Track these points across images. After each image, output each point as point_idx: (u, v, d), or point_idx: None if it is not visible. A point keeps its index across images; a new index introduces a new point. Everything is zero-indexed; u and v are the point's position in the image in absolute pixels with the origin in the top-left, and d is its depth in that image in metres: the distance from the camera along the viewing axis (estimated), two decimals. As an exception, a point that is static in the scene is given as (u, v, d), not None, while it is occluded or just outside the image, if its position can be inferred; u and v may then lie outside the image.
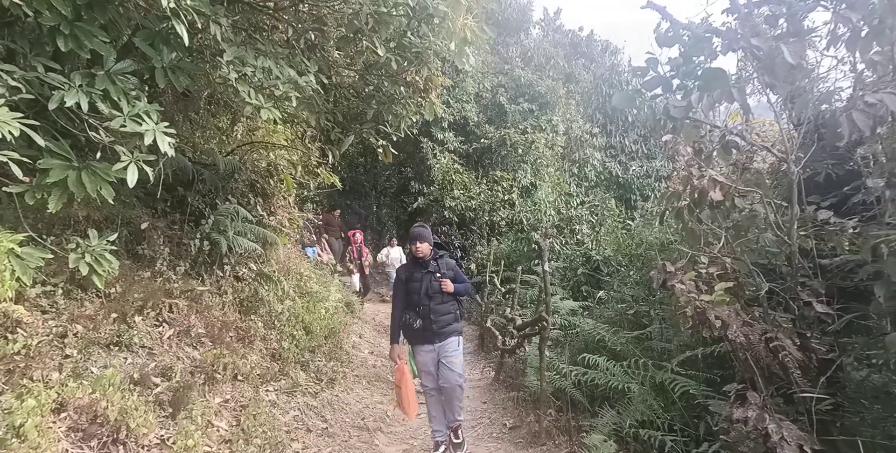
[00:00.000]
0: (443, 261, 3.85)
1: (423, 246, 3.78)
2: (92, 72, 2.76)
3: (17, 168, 2.34)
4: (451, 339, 3.76)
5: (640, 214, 5.34)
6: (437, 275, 3.76)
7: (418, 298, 3.72)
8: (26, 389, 2.32)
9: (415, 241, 3.78)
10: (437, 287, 3.73)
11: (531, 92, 13.04)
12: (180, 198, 5.27)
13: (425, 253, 3.80)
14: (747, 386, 2.59)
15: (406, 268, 3.94)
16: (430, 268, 3.79)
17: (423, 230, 3.84)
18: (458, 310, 3.88)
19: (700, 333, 2.90)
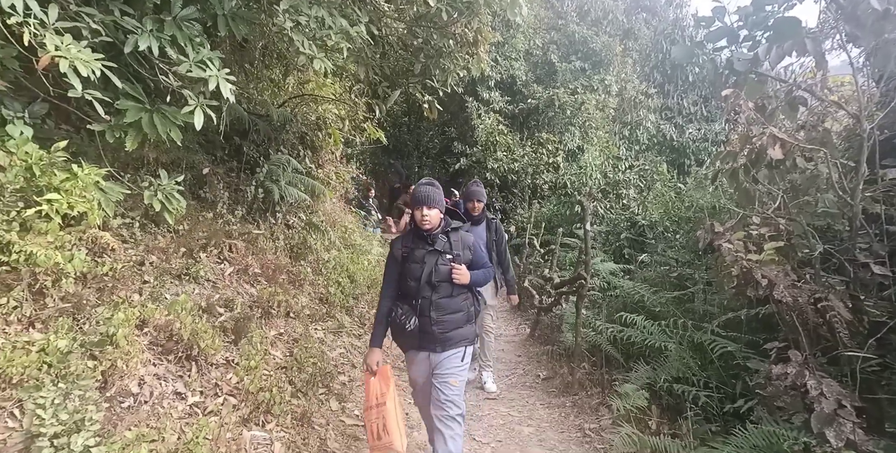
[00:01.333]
0: (456, 237, 2.67)
1: (431, 213, 2.58)
2: (161, 17, 2.89)
3: (100, 107, 2.52)
4: (456, 350, 2.64)
5: (693, 178, 5.15)
6: (446, 257, 2.59)
7: (417, 287, 2.56)
8: (115, 305, 2.61)
9: (421, 205, 2.58)
10: (445, 273, 2.57)
11: (585, 49, 12.43)
12: (237, 147, 5.53)
13: (434, 224, 2.60)
14: (790, 345, 2.59)
15: (404, 241, 2.71)
16: (437, 245, 2.61)
17: (432, 190, 2.62)
18: (472, 307, 2.74)
19: (745, 293, 2.89)
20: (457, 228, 2.70)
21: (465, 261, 2.64)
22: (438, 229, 2.61)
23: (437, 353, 2.62)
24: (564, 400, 4.12)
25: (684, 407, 3.06)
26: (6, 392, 1.88)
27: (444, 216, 2.67)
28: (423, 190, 2.60)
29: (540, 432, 3.60)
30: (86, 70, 2.10)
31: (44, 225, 2.32)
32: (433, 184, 2.64)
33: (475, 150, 11.87)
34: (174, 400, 2.61)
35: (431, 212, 2.57)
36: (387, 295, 2.68)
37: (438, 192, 2.62)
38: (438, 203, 2.60)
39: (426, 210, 2.55)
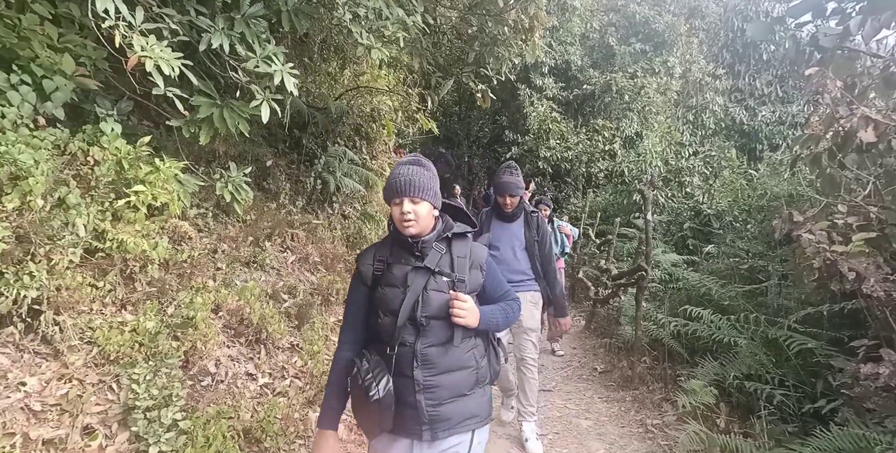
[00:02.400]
0: (463, 250, 1.66)
1: (418, 209, 1.57)
2: (231, 15, 3.02)
3: (180, 103, 2.67)
4: (458, 439, 1.61)
5: (766, 164, 4.79)
6: (442, 279, 1.59)
7: (393, 326, 1.55)
8: (194, 290, 2.80)
9: (401, 196, 1.57)
10: (439, 304, 1.56)
11: (646, 30, 11.81)
12: (296, 140, 5.73)
13: (422, 226, 1.59)
14: (881, 343, 2.38)
15: (377, 252, 1.66)
16: (428, 259, 1.60)
17: (419, 173, 1.60)
18: (485, 363, 1.69)
19: (827, 287, 2.69)
20: (463, 234, 1.65)
21: (474, 289, 1.61)
22: (431, 235, 1.57)
23: (425, 443, 1.55)
24: (624, 395, 4.02)
25: (757, 405, 2.90)
26: (105, 367, 2.07)
27: (441, 215, 1.65)
28: (403, 173, 1.56)
29: (599, 426, 3.54)
30: (168, 69, 2.23)
31: (132, 214, 2.51)
32: (421, 164, 1.61)
33: (527, 139, 11.65)
34: (246, 380, 2.77)
35: (418, 207, 1.54)
36: (347, 340, 1.63)
37: (430, 177, 1.59)
38: (429, 193, 1.56)
39: (408, 203, 1.52)
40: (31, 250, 1.93)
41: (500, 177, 3.11)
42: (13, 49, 2.12)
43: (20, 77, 2.12)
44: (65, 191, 2.13)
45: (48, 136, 2.17)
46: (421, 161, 1.63)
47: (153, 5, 2.67)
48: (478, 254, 1.66)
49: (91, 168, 2.34)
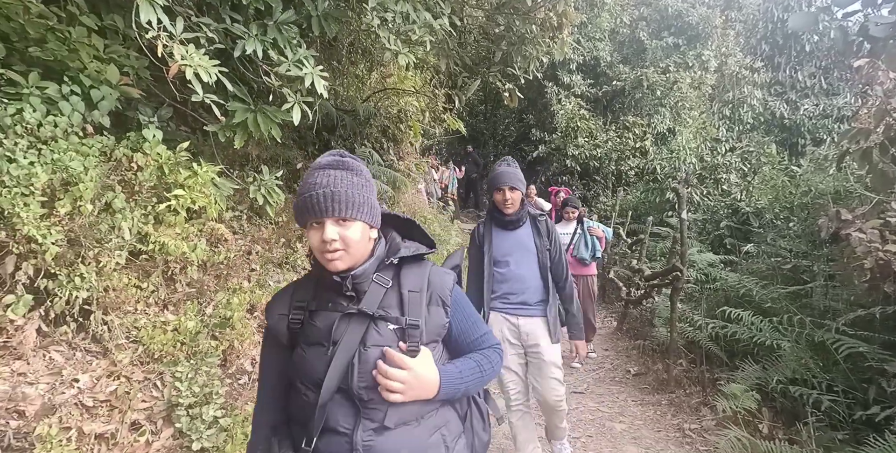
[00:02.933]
0: (415, 282, 1.13)
1: (348, 233, 1.05)
2: (264, 22, 3.09)
3: (217, 109, 2.75)
4: None
5: (810, 160, 4.57)
6: (387, 327, 1.08)
7: (315, 403, 1.03)
8: (231, 290, 2.87)
9: (320, 216, 1.03)
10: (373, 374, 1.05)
11: (679, 24, 11.46)
12: (325, 142, 5.83)
13: (356, 255, 1.08)
14: (940, 348, 2.25)
15: (296, 293, 1.16)
16: (366, 301, 1.08)
17: (343, 178, 1.06)
18: (461, 439, 1.18)
19: (880, 288, 2.56)
20: (417, 258, 1.17)
21: (434, 336, 1.13)
22: (367, 264, 1.09)
23: None
24: (659, 398, 3.92)
25: (803, 411, 2.78)
26: (150, 365, 2.15)
27: (382, 234, 1.17)
28: (320, 182, 1.04)
29: (634, 429, 3.46)
30: (206, 76, 2.30)
31: (172, 218, 2.60)
32: (347, 167, 1.09)
33: (554, 137, 11.51)
34: (283, 378, 2.83)
35: (348, 230, 1.05)
36: (266, 410, 1.19)
37: (363, 185, 1.09)
38: (363, 208, 1.06)
39: (332, 227, 1.03)
40: (81, 253, 2.03)
41: (495, 169, 2.48)
42: (64, 61, 2.23)
43: (70, 87, 2.22)
44: (111, 196, 2.22)
45: (95, 144, 2.27)
46: (347, 163, 1.08)
47: (191, 15, 2.77)
48: (439, 283, 1.13)
49: (135, 173, 2.44)
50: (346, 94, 6.75)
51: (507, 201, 2.40)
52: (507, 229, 2.50)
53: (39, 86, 2.15)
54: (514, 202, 2.41)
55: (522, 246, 2.48)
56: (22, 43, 2.22)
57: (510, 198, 2.39)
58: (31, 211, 1.89)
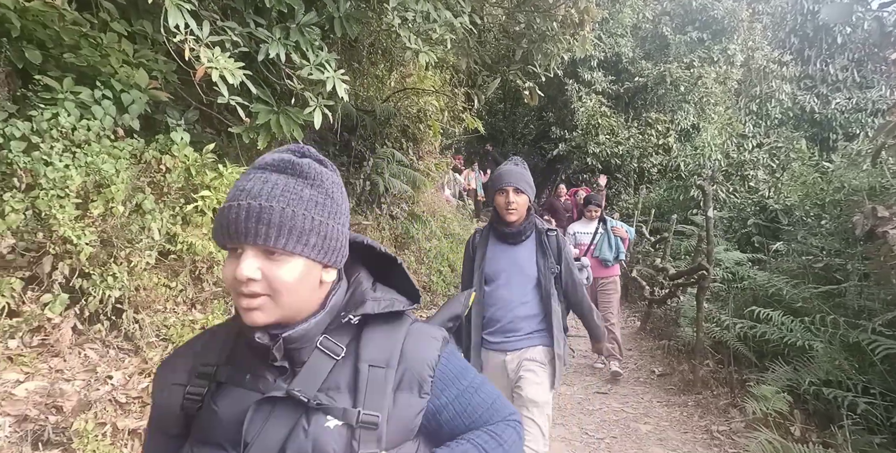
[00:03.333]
0: (380, 345, 0.74)
1: (283, 270, 0.67)
2: (287, 25, 3.13)
3: (241, 111, 2.80)
4: None
5: (842, 155, 4.41)
6: (327, 423, 0.67)
7: None
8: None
9: (240, 239, 0.65)
10: None
11: (704, 18, 11.22)
12: (346, 142, 5.88)
13: (295, 309, 0.70)
14: None
15: (196, 360, 0.75)
16: (300, 376, 0.70)
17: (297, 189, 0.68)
18: None
19: (920, 289, 2.46)
20: (393, 316, 0.78)
21: (398, 438, 0.72)
22: (310, 323, 0.71)
23: None
24: (686, 399, 3.85)
25: (837, 414, 2.69)
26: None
27: (345, 279, 0.80)
28: (252, 190, 0.67)
29: (659, 431, 3.41)
30: (232, 78, 2.34)
31: (199, 218, 2.65)
32: (298, 173, 0.71)
33: (575, 135, 11.39)
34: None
35: (277, 267, 0.67)
36: None
37: (319, 203, 0.70)
38: (311, 235, 0.68)
39: (251, 260, 0.65)
40: (113, 253, 2.09)
41: (499, 167, 2.12)
42: (96, 66, 2.30)
43: (102, 92, 2.29)
44: (141, 198, 2.28)
45: (126, 146, 2.34)
46: (302, 166, 0.71)
47: (217, 19, 2.82)
48: (417, 355, 0.76)
49: (163, 175, 2.50)
50: (366, 94, 6.80)
51: (511, 205, 1.97)
52: (506, 242, 2.06)
53: (73, 91, 2.22)
54: (518, 208, 1.98)
55: (519, 265, 2.03)
56: (57, 49, 2.29)
57: (514, 201, 1.96)
58: (66, 212, 1.95)
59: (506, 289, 2.01)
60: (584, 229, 4.70)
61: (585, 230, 4.69)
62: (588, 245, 4.58)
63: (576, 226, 4.90)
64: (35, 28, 2.16)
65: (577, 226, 4.87)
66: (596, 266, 4.43)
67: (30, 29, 2.15)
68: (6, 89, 2.15)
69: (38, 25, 2.17)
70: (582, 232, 4.71)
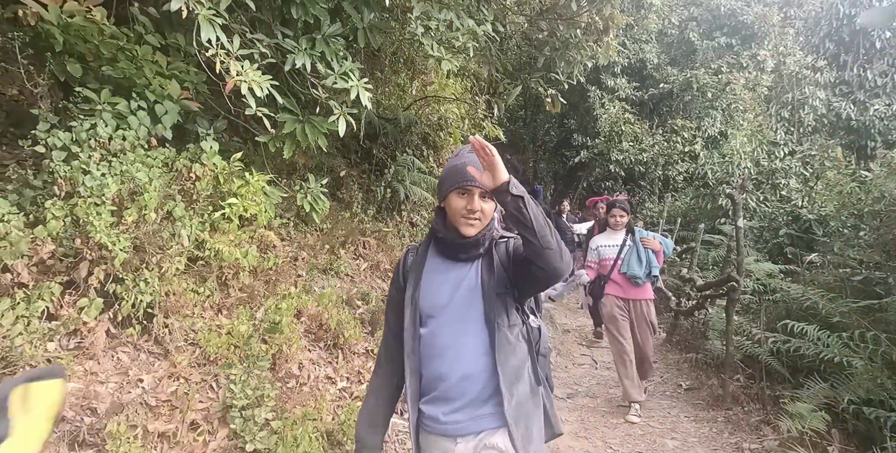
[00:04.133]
0: None
1: None
2: (313, 36, 3.19)
3: (267, 121, 2.86)
4: None
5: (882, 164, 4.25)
6: None
7: None
8: (280, 296, 2.96)
9: None
10: None
11: (732, 23, 11.00)
12: (367, 150, 5.94)
13: None
14: None
15: None
16: None
17: None
18: None
19: (969, 304, 2.33)
20: None
21: None
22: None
23: None
24: (715, 415, 3.72)
25: (880, 435, 2.57)
26: (206, 367, 2.24)
27: None
28: None
29: (687, 447, 3.30)
30: (259, 90, 2.40)
31: (226, 225, 2.71)
32: None
33: (597, 142, 11.27)
34: (327, 383, 2.88)
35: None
36: None
37: None
38: None
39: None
40: (145, 259, 2.15)
41: (461, 154, 1.38)
42: (132, 78, 2.38)
43: (138, 103, 2.37)
44: (172, 205, 2.34)
45: (159, 155, 2.41)
46: None
47: (246, 31, 2.90)
48: None
49: (193, 183, 2.56)
50: (388, 102, 6.88)
51: (474, 214, 1.31)
52: (454, 260, 1.37)
53: (111, 101, 2.31)
54: (483, 219, 1.33)
55: (465, 290, 1.33)
56: (96, 62, 2.39)
57: (480, 209, 1.31)
58: (102, 219, 2.02)
59: (450, 331, 1.32)
60: (609, 241, 3.98)
61: (610, 242, 3.97)
62: (614, 259, 3.89)
63: (599, 239, 4.11)
64: (76, 42, 2.26)
65: (601, 238, 4.09)
66: (625, 285, 3.84)
67: (71, 43, 2.24)
68: (49, 101, 2.25)
69: (79, 40, 2.26)
70: (606, 244, 3.98)
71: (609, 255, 3.96)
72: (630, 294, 3.86)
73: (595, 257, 4.06)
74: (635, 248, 3.87)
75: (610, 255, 3.95)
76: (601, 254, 4.01)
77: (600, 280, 4.01)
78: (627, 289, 3.86)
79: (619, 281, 3.90)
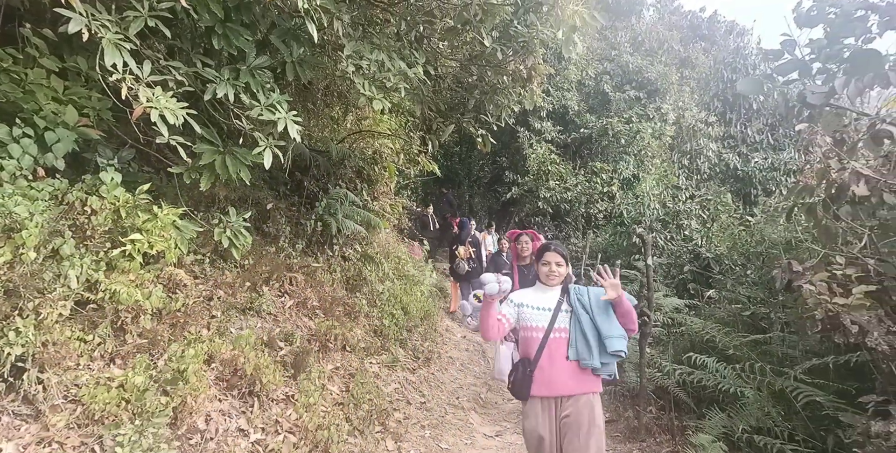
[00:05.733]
0: None
1: None
2: (237, 67, 3.12)
3: (182, 151, 2.71)
4: None
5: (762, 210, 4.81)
6: None
7: None
8: (187, 341, 2.73)
9: None
10: None
11: (639, 79, 12.28)
12: (298, 182, 5.80)
13: None
14: (890, 399, 2.31)
15: None
16: None
17: None
18: None
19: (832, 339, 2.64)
20: None
21: None
22: None
23: None
24: (631, 447, 3.85)
25: (768, 464, 2.77)
26: (89, 428, 1.99)
27: None
28: None
29: (603, 483, 3.36)
30: (172, 118, 2.28)
31: (127, 264, 2.49)
32: None
33: (527, 180, 11.84)
34: (238, 437, 2.65)
35: None
36: None
37: None
38: None
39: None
40: (19, 305, 1.90)
41: None
42: (17, 103, 2.18)
43: (22, 130, 2.16)
44: (59, 242, 2.12)
45: (46, 187, 2.19)
46: None
47: (160, 58, 2.78)
48: None
49: (88, 217, 2.35)
50: (321, 135, 6.80)
51: None
52: None
53: (-11, 128, 2.09)
54: None
55: None
56: (-27, 85, 2.17)
57: None
58: (-32, 259, 1.78)
59: None
60: (538, 301, 2.49)
61: (539, 303, 2.47)
62: (545, 331, 2.39)
63: (524, 295, 2.54)
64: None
65: (527, 295, 2.55)
66: (560, 375, 2.34)
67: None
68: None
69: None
70: (533, 305, 2.47)
71: (536, 324, 2.43)
72: (565, 388, 2.34)
73: (512, 316, 2.47)
74: (577, 318, 2.39)
75: (537, 324, 2.42)
76: (524, 319, 2.46)
77: (525, 367, 2.41)
78: (562, 381, 2.34)
79: (548, 369, 2.35)
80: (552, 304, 2.47)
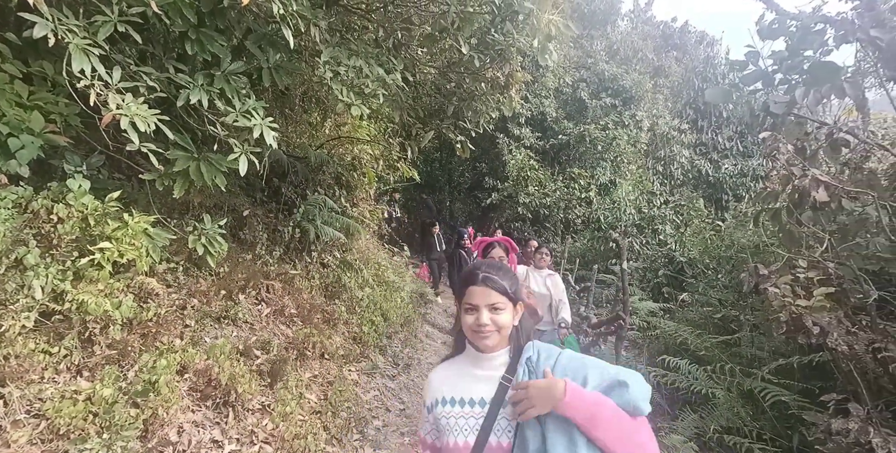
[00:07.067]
0: None
1: None
2: (211, 72, 3.08)
3: (154, 158, 2.67)
4: None
5: (733, 215, 4.96)
6: None
7: None
8: (159, 351, 2.68)
9: None
10: None
11: (615, 86, 12.58)
12: (275, 189, 5.74)
13: None
14: (849, 397, 2.40)
15: None
16: None
17: None
18: None
19: (795, 340, 2.73)
20: None
21: None
22: None
23: None
24: (606, 451, 3.90)
25: (738, 463, 2.85)
26: (54, 443, 1.93)
27: None
28: None
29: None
30: (143, 125, 2.25)
31: (95, 273, 2.43)
32: None
33: (506, 185, 11.95)
34: (211, 448, 2.60)
35: None
36: None
37: None
38: None
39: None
40: (-20, 316, 1.85)
41: None
42: (-19, 109, 2.12)
43: (-14, 136, 2.10)
44: (23, 252, 2.06)
45: (9, 195, 2.14)
46: None
47: (131, 63, 2.73)
48: None
49: (54, 226, 2.29)
50: (299, 141, 6.75)
51: None
52: None
53: (-49, 134, 2.03)
54: None
55: None
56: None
57: None
58: (-74, 270, 1.72)
59: None
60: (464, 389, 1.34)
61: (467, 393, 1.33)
62: None
63: (444, 378, 1.43)
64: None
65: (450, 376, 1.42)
66: None
67: None
68: None
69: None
70: (456, 400, 1.34)
71: (455, 439, 1.28)
72: None
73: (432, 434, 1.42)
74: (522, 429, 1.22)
75: (457, 440, 1.28)
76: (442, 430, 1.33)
77: None
78: None
79: None
80: (487, 392, 1.28)
